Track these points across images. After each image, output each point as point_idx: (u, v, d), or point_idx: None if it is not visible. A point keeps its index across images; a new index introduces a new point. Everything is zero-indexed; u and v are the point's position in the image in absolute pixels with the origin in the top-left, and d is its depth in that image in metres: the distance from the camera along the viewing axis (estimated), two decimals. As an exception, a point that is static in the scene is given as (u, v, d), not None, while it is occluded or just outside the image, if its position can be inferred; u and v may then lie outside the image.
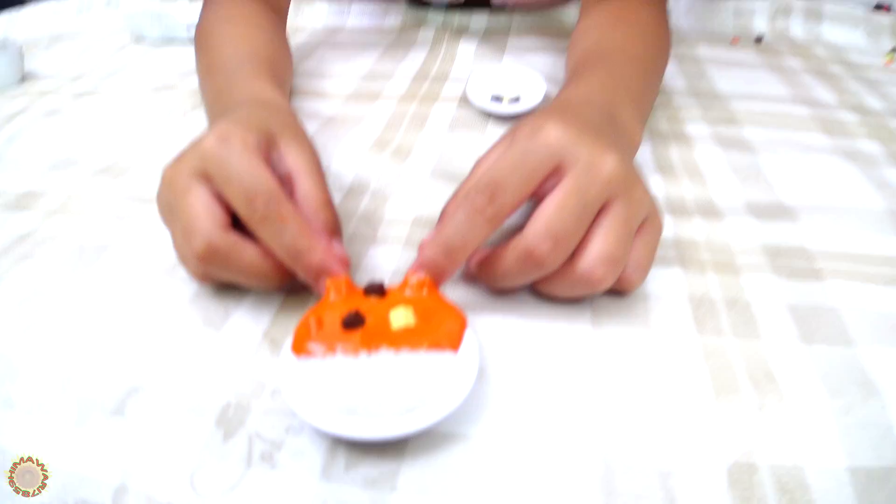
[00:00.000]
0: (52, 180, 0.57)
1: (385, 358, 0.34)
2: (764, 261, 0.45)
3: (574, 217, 0.36)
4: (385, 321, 0.35)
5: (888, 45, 0.82)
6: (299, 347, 0.35)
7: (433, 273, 0.38)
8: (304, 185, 0.42)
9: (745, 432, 0.34)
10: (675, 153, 0.58)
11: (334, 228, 0.41)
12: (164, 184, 0.40)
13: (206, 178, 0.38)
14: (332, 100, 0.70)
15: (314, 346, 0.35)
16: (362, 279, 0.44)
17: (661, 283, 0.43)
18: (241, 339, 0.39)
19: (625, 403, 0.35)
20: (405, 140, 0.61)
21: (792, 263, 0.45)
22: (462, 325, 0.36)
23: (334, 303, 0.37)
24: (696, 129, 0.63)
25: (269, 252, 0.38)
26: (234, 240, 0.38)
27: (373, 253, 0.47)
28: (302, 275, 0.38)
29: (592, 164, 0.37)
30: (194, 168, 0.39)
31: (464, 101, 0.68)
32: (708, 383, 0.36)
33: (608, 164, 0.37)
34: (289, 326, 0.40)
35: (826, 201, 0.52)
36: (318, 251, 0.37)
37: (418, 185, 0.55)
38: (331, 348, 0.34)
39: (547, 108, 0.46)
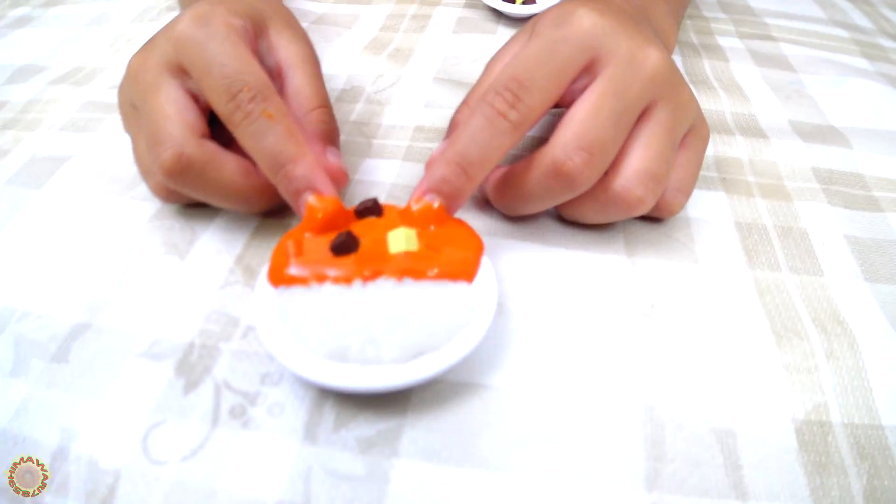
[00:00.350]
0: (11, 90, 0.50)
1: (384, 289, 0.27)
2: (816, 187, 0.39)
3: (612, 122, 0.30)
4: (383, 245, 0.29)
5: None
6: (277, 276, 0.29)
7: (446, 195, 0.30)
8: (297, 79, 0.35)
9: (813, 384, 0.28)
10: (707, 66, 0.52)
11: (330, 133, 0.35)
12: (127, 77, 0.33)
13: (180, 71, 0.32)
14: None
15: (296, 273, 0.28)
16: (355, 197, 0.37)
17: (704, 206, 0.37)
18: (209, 267, 0.33)
19: (670, 350, 0.29)
20: (404, 42, 0.54)
21: (847, 191, 0.39)
22: (478, 249, 0.30)
23: (318, 225, 0.30)
24: (729, 42, 0.56)
25: (254, 167, 0.32)
26: (211, 150, 0.31)
27: (368, 166, 0.40)
28: (281, 189, 0.31)
29: (633, 58, 0.31)
30: (166, 58, 0.32)
31: (471, 1, 0.60)
32: (765, 326, 0.31)
33: (651, 58, 0.31)
34: (267, 251, 0.33)
35: (876, 126, 0.46)
36: (303, 162, 0.30)
37: (420, 89, 0.47)
38: (317, 277, 0.28)
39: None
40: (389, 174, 0.39)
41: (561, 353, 0.29)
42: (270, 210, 0.35)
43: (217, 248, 0.34)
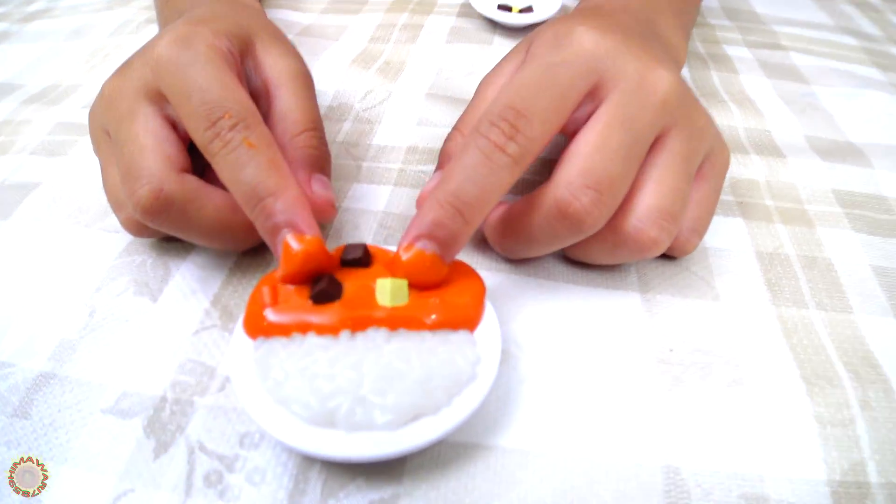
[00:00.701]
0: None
1: (375, 340, 0.25)
2: (839, 211, 0.37)
3: (621, 156, 0.27)
4: (371, 292, 0.26)
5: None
6: (254, 326, 0.26)
7: (440, 241, 0.26)
8: (285, 99, 0.32)
9: (849, 440, 0.26)
10: (716, 78, 0.49)
11: (319, 160, 0.32)
12: (101, 102, 0.31)
13: (158, 97, 0.29)
14: (308, 9, 0.59)
15: (276, 321, 0.25)
16: (343, 227, 0.34)
17: (722, 235, 0.35)
18: (183, 309, 0.30)
19: (692, 402, 0.27)
20: (395, 55, 0.51)
21: (871, 215, 0.37)
22: (479, 292, 0.27)
23: (295, 270, 0.26)
24: (738, 52, 0.54)
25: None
26: (193, 186, 0.28)
27: (356, 192, 0.37)
28: (258, 226, 0.27)
29: (642, 81, 0.28)
30: (143, 83, 0.29)
31: (465, 9, 0.58)
32: (795, 372, 0.28)
33: (662, 81, 0.28)
34: (247, 291, 0.31)
35: (894, 143, 0.43)
36: (284, 196, 0.27)
37: (412, 106, 0.44)
38: (299, 327, 0.25)
39: (571, 13, 0.36)
40: (380, 201, 0.36)
41: (573, 408, 0.26)
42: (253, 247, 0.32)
43: (192, 288, 0.31)
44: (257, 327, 0.25)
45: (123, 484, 0.24)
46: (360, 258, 0.27)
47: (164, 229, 0.29)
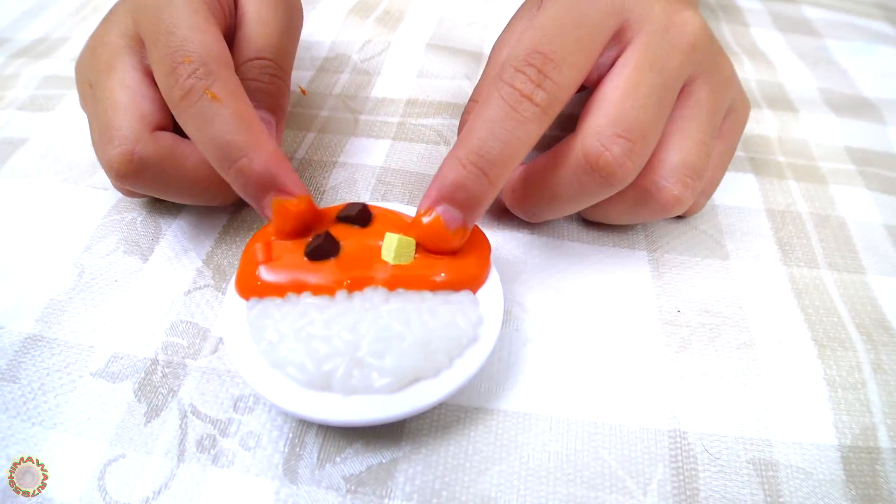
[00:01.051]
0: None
1: (373, 300, 0.24)
2: (852, 168, 0.36)
3: (652, 102, 0.25)
4: (369, 250, 0.25)
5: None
6: (246, 286, 0.25)
7: (462, 204, 0.24)
8: (248, 17, 0.30)
9: (860, 403, 0.25)
10: (727, 30, 0.48)
11: (267, 95, 0.29)
12: (85, 53, 0.29)
13: (138, 44, 0.28)
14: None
15: (269, 281, 0.24)
16: (339, 185, 0.33)
17: (732, 191, 0.34)
18: (175, 268, 0.29)
19: (700, 365, 0.26)
20: (394, 3, 0.49)
21: (884, 173, 0.36)
22: (484, 250, 0.26)
23: (288, 228, 0.25)
24: (749, 4, 0.52)
25: None
26: (167, 144, 0.26)
27: (353, 147, 0.35)
28: (237, 189, 0.25)
29: (670, 23, 0.26)
30: (123, 29, 0.28)
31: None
32: (806, 334, 0.27)
33: (690, 24, 0.26)
34: (241, 248, 0.30)
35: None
36: (260, 154, 0.24)
37: (412, 57, 0.43)
38: (294, 286, 0.24)
39: None
40: (378, 156, 0.35)
41: (577, 370, 0.25)
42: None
43: (184, 246, 0.30)
44: (250, 287, 0.24)
45: (114, 449, 0.23)
46: (355, 216, 0.26)
47: (143, 191, 0.27)
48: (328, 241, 0.25)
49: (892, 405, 0.25)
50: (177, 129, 0.27)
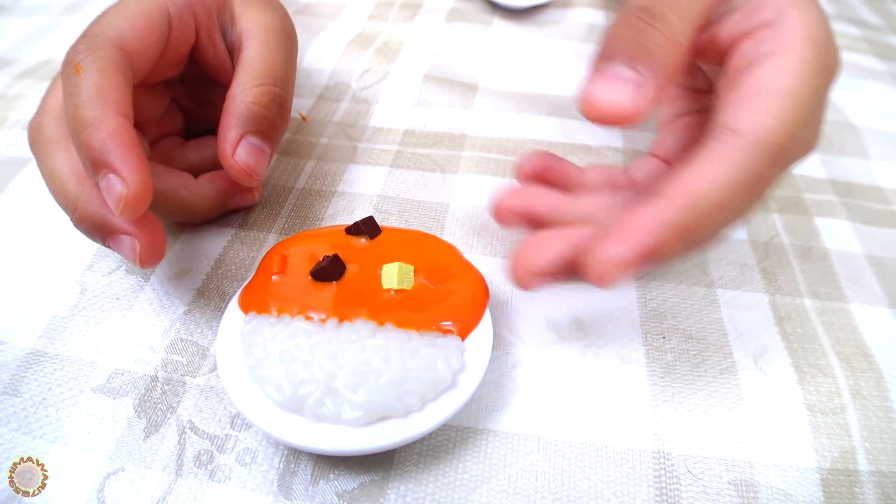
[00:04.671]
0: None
1: (360, 333, 0.24)
2: (835, 200, 0.37)
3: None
4: (372, 277, 0.26)
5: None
6: (247, 300, 0.25)
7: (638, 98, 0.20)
8: (251, 49, 0.30)
9: (839, 427, 0.26)
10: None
11: (261, 120, 0.29)
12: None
13: None
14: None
15: (270, 299, 0.25)
16: (337, 213, 0.34)
17: (718, 224, 0.34)
18: (176, 286, 0.30)
19: (683, 389, 0.27)
20: (393, 35, 0.50)
21: (867, 205, 0.37)
22: (481, 295, 0.26)
23: (307, 243, 0.27)
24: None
25: (187, 181, 0.29)
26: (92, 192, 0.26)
27: (351, 175, 0.36)
28: (82, 163, 0.25)
29: (824, 27, 0.23)
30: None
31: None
32: (786, 360, 0.28)
33: (832, 40, 0.24)
34: (242, 267, 0.31)
35: (893, 132, 0.43)
36: (99, 129, 0.24)
37: (410, 87, 0.44)
38: (289, 307, 0.25)
39: None
40: (376, 184, 0.36)
41: (565, 393, 0.26)
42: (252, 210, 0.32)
43: (185, 265, 0.31)
44: (250, 301, 0.25)
45: (114, 463, 0.24)
46: (364, 226, 0.27)
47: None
48: (333, 265, 0.26)
49: (871, 430, 0.26)
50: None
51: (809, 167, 0.39)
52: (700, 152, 0.22)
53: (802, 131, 0.22)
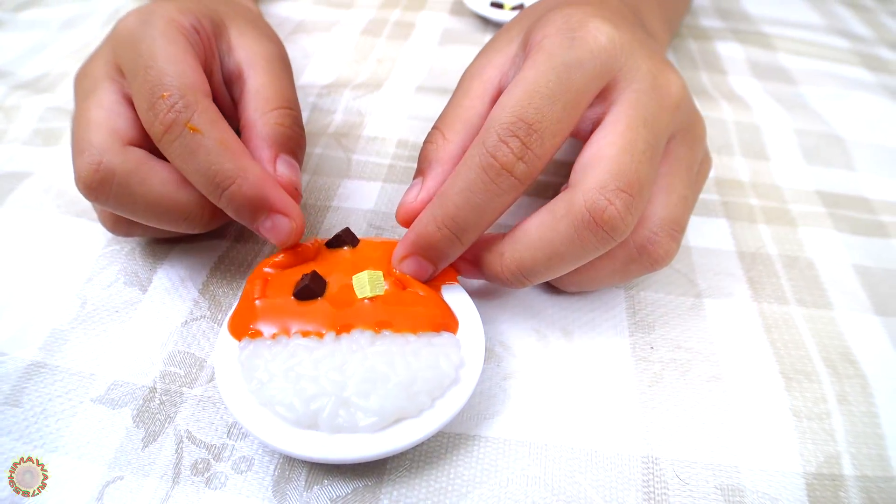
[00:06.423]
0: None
1: (360, 342, 0.25)
2: (822, 210, 0.37)
3: (648, 157, 0.25)
4: (352, 289, 0.27)
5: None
6: (239, 327, 0.26)
7: (433, 259, 0.26)
8: (257, 78, 0.31)
9: (825, 432, 0.27)
10: (706, 79, 0.50)
11: (288, 139, 0.30)
12: (74, 84, 0.30)
13: (118, 73, 0.29)
14: (299, 1, 0.58)
15: (261, 325, 0.26)
16: (333, 228, 0.34)
17: (705, 234, 0.35)
18: (173, 299, 0.30)
19: (672, 397, 0.27)
20: (387, 52, 0.51)
21: (853, 215, 0.37)
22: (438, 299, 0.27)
23: (284, 259, 0.27)
24: (728, 52, 0.54)
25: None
26: (136, 158, 0.27)
27: (346, 190, 0.37)
28: (232, 215, 0.27)
29: (656, 82, 0.27)
30: (105, 60, 0.29)
31: (457, 6, 0.58)
32: (773, 366, 0.29)
33: (675, 83, 0.27)
34: (236, 278, 0.31)
35: (880, 143, 0.44)
36: (247, 179, 0.26)
37: (403, 98, 0.45)
38: (284, 329, 0.25)
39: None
40: (369, 199, 0.36)
41: (555, 401, 0.27)
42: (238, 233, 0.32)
43: (181, 276, 0.31)
44: (242, 329, 0.26)
45: (113, 472, 0.24)
46: (343, 238, 0.28)
47: (110, 207, 0.27)
48: (314, 282, 0.26)
49: (856, 435, 0.26)
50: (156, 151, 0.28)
51: (796, 179, 0.40)
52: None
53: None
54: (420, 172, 0.29)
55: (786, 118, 0.45)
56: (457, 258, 0.27)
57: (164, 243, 0.33)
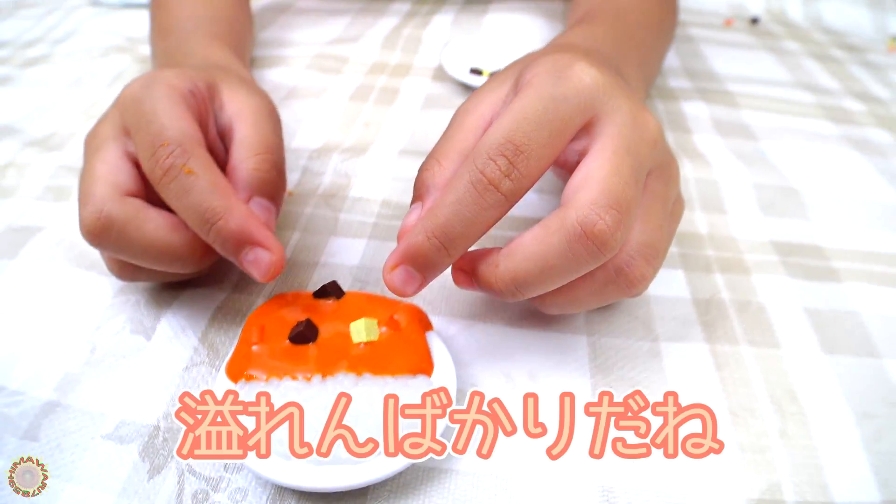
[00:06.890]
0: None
1: (344, 384, 0.28)
2: (775, 259, 0.40)
3: (634, 180, 0.28)
4: (342, 336, 0.30)
5: (894, 24, 0.78)
6: (235, 371, 0.29)
7: (420, 268, 0.28)
8: (244, 127, 0.34)
9: (767, 463, 0.29)
10: (671, 137, 0.53)
11: (264, 182, 0.33)
12: (84, 143, 0.34)
13: (124, 133, 0.32)
14: (292, 67, 0.62)
15: (254, 370, 0.29)
16: (319, 280, 0.38)
17: (663, 284, 0.38)
18: (174, 346, 0.33)
19: (627, 431, 0.30)
20: (374, 116, 0.55)
21: (805, 262, 0.40)
22: (422, 347, 0.31)
23: (279, 310, 0.31)
24: (693, 112, 0.57)
25: (181, 223, 0.31)
26: (134, 207, 0.30)
27: (333, 247, 0.40)
28: (219, 249, 0.30)
29: (635, 120, 0.29)
30: (112, 122, 0.33)
31: (439, 73, 0.62)
32: (722, 402, 0.31)
33: (651, 123, 0.30)
34: (232, 327, 0.34)
35: (836, 194, 0.47)
36: (233, 215, 0.29)
37: (387, 162, 0.48)
38: (275, 371, 0.28)
39: (555, 47, 0.38)
40: (355, 255, 0.39)
41: (521, 438, 0.29)
42: (240, 280, 0.35)
43: (182, 325, 0.34)
44: (239, 372, 0.29)
45: (121, 501, 0.27)
46: (330, 290, 0.32)
47: (111, 251, 0.31)
48: (308, 328, 0.29)
49: (797, 466, 0.29)
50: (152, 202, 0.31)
51: (752, 231, 0.42)
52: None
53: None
54: (418, 197, 0.31)
55: (745, 173, 0.48)
56: (451, 269, 0.30)
57: (166, 294, 0.36)
